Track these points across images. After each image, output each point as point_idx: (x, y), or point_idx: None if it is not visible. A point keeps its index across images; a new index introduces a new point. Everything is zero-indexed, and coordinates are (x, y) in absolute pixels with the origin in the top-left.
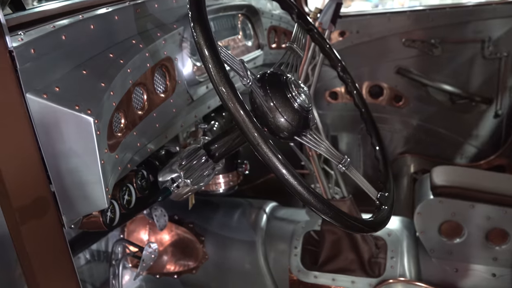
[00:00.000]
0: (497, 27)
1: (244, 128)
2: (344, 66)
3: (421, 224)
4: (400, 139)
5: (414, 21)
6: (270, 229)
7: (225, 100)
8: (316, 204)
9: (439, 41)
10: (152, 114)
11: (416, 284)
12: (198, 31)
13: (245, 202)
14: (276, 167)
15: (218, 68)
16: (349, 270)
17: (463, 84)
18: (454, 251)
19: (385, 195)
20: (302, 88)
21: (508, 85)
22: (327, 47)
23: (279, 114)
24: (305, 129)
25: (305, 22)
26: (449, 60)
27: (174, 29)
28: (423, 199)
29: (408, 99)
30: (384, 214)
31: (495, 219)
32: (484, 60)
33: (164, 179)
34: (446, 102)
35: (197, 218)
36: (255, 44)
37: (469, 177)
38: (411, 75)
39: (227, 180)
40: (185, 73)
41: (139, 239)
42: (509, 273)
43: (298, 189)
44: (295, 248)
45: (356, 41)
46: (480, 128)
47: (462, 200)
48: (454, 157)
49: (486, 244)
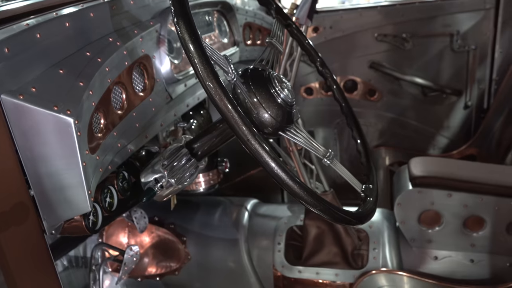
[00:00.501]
0: (465, 21)
1: (234, 124)
2: (323, 61)
3: (401, 215)
4: (375, 132)
5: (385, 16)
6: (252, 226)
7: (213, 95)
8: (306, 198)
9: (410, 36)
10: (132, 114)
11: (398, 273)
12: (182, 26)
13: (226, 200)
14: (266, 162)
15: (205, 63)
16: (333, 263)
17: (434, 77)
18: (433, 239)
19: (370, 187)
20: (285, 83)
21: (476, 77)
22: (306, 42)
23: (263, 110)
24: (289, 124)
25: (284, 18)
26: (420, 54)
27: (150, 26)
28: (403, 190)
29: (382, 93)
30: (369, 206)
31: (471, 206)
32: (453, 53)
33: (147, 180)
34: (418, 95)
35: (178, 219)
36: (230, 41)
37: (446, 167)
38: (384, 69)
39: (207, 179)
40: (163, 71)
41: (118, 242)
42: (486, 258)
43: (288, 183)
44: (278, 244)
45: (329, 36)
46: (451, 120)
47: (440, 189)
48: (427, 148)
49: (463, 231)
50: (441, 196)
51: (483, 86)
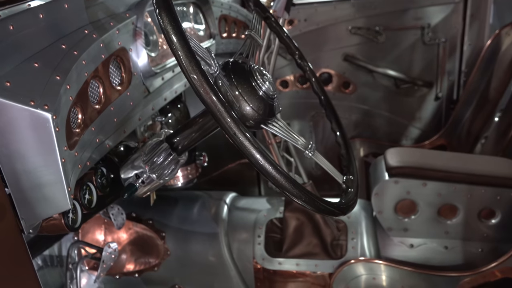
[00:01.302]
0: (435, 14)
1: (219, 117)
2: (301, 54)
3: (378, 205)
4: (350, 124)
5: (358, 9)
6: (232, 219)
7: (198, 88)
8: (291, 189)
9: (383, 28)
10: (110, 108)
11: (376, 262)
12: (165, 17)
13: (205, 194)
14: (252, 154)
15: (189, 55)
16: (313, 254)
17: (406, 69)
18: (409, 228)
19: (351, 179)
20: (266, 76)
21: (446, 69)
22: (284, 35)
23: (245, 103)
24: (271, 117)
25: (262, 10)
26: (393, 47)
27: (127, 18)
28: (379, 180)
29: (356, 85)
30: (351, 197)
31: (445, 195)
32: (424, 45)
33: (127, 176)
34: (391, 87)
35: (156, 214)
36: (206, 34)
37: (421, 157)
38: (357, 62)
39: (185, 173)
40: (140, 65)
41: (95, 240)
42: (460, 244)
43: (274, 175)
44: (258, 237)
45: (304, 29)
46: (422, 111)
47: (415, 179)
48: (400, 139)
49: (438, 219)
50: (416, 186)
51: (453, 78)
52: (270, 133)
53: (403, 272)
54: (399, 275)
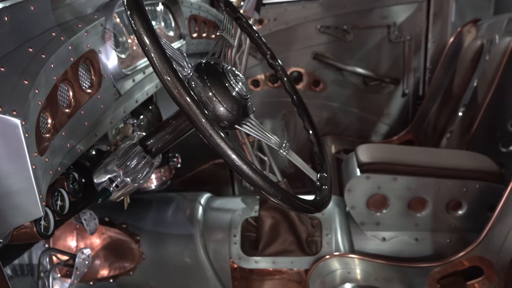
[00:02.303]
0: (400, 13)
1: (194, 118)
2: (273, 54)
3: (351, 200)
4: (321, 122)
5: (326, 8)
6: (207, 220)
7: (171, 90)
8: (267, 188)
9: (351, 27)
10: (80, 112)
11: (350, 256)
12: (137, 19)
13: (179, 196)
14: (227, 154)
15: (162, 57)
16: (289, 251)
17: (374, 66)
18: (381, 222)
19: (324, 176)
20: (239, 76)
21: (412, 66)
22: (255, 35)
23: (219, 104)
24: (245, 117)
25: (233, 11)
26: (361, 45)
27: (95, 20)
28: (351, 176)
29: (326, 83)
30: (326, 194)
31: (414, 189)
32: (390, 43)
33: (100, 180)
34: (360, 84)
35: (130, 218)
36: (176, 34)
37: (391, 153)
38: (327, 60)
39: (159, 175)
40: (110, 67)
41: (67, 246)
42: (429, 236)
43: (251, 175)
44: (234, 237)
45: (273, 28)
46: (390, 107)
47: (386, 174)
48: (370, 135)
49: (408, 212)
50: (387, 181)
51: (419, 74)
52: (243, 132)
53: (377, 265)
54: (372, 268)
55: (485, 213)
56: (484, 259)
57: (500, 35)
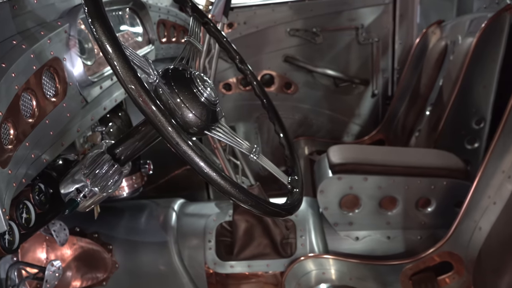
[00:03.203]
0: (367, 15)
1: (160, 127)
2: (242, 58)
3: (324, 201)
4: (293, 124)
5: (296, 12)
6: (181, 226)
7: (136, 98)
8: (237, 195)
9: (320, 30)
10: (45, 121)
11: (324, 257)
12: (98, 27)
13: (152, 203)
14: (195, 162)
15: (125, 66)
16: (264, 254)
17: (344, 68)
18: (354, 221)
19: (295, 179)
20: (207, 82)
21: (380, 67)
22: (224, 39)
23: (187, 110)
24: (214, 123)
25: (200, 15)
26: (330, 47)
27: (59, 27)
28: (324, 177)
29: (298, 86)
30: (297, 197)
31: (385, 188)
32: (359, 45)
33: (68, 191)
34: (331, 86)
35: (101, 227)
36: (145, 39)
37: (361, 153)
38: (297, 63)
39: (130, 182)
40: (76, 74)
41: (36, 258)
42: (401, 234)
43: (219, 182)
44: (209, 242)
45: (244, 32)
46: (361, 108)
47: (357, 174)
48: (342, 136)
49: (379, 211)
50: (358, 181)
51: (387, 75)
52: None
53: (351, 265)
54: (347, 268)
55: (453, 209)
56: (453, 254)
57: (462, 36)
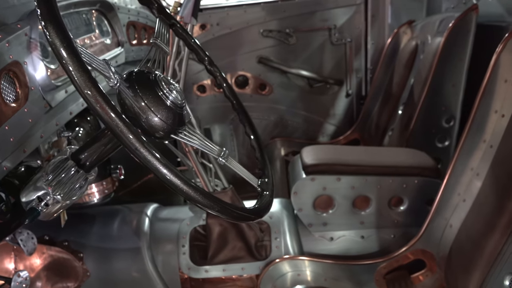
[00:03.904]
0: (340, 16)
1: (118, 133)
2: (211, 60)
3: (298, 202)
4: (269, 125)
5: (268, 13)
6: (154, 232)
7: (93, 104)
8: (202, 201)
9: (293, 30)
10: (4, 128)
11: (299, 258)
12: (52, 30)
13: (124, 208)
14: (157, 168)
15: (80, 70)
16: (238, 257)
17: (318, 68)
18: (328, 222)
19: (265, 181)
20: (173, 84)
21: (354, 67)
22: (192, 41)
23: (152, 114)
24: (181, 126)
25: (167, 17)
26: (304, 48)
27: (18, 29)
28: (297, 179)
29: (272, 87)
30: (267, 200)
31: (358, 187)
32: (332, 46)
33: (29, 199)
34: (305, 87)
35: (72, 234)
36: (114, 42)
37: (334, 154)
38: (271, 64)
39: (101, 188)
40: (38, 78)
41: (3, 269)
42: (374, 233)
43: (183, 188)
44: (182, 247)
45: (217, 33)
46: (336, 108)
47: (330, 175)
48: (317, 136)
49: (353, 210)
50: (331, 181)
51: (361, 75)
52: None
53: (325, 265)
54: (322, 269)
55: (424, 207)
56: (426, 252)
57: (432, 36)
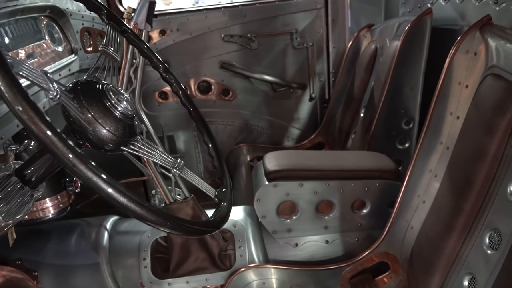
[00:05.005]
0: (301, 20)
1: (54, 150)
2: (166, 67)
3: (261, 209)
4: (234, 130)
5: (229, 17)
6: (114, 246)
7: (24, 120)
8: (151, 218)
9: (255, 35)
10: None
11: (264, 266)
12: None
13: (82, 222)
14: (100, 187)
15: (9, 84)
16: (202, 268)
17: (281, 73)
18: (292, 228)
19: (223, 191)
20: (122, 94)
21: (316, 71)
22: (145, 48)
23: (100, 126)
24: (132, 137)
25: (118, 24)
26: (266, 52)
27: None
28: (260, 186)
29: (236, 92)
30: (224, 210)
31: (321, 192)
32: (294, 50)
33: None
34: (269, 91)
35: (26, 252)
36: (67, 49)
37: (296, 159)
38: (234, 69)
39: (56, 202)
40: None
41: None
42: (339, 237)
43: (129, 206)
44: (144, 260)
45: (177, 39)
46: (300, 112)
47: (292, 180)
48: (283, 141)
49: (317, 215)
50: (294, 187)
51: (323, 79)
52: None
53: (291, 272)
54: (287, 276)
55: (387, 210)
56: (389, 254)
57: (390, 39)
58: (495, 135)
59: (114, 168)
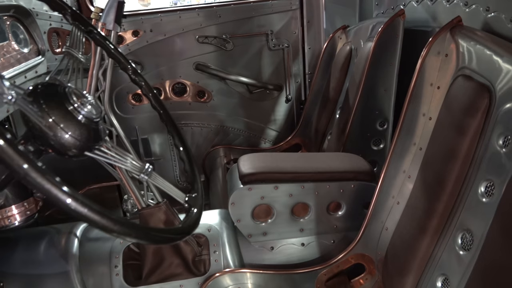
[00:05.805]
0: (276, 21)
1: (3, 157)
2: (134, 69)
3: (236, 213)
4: (210, 133)
5: (204, 18)
6: (84, 253)
7: None
8: (114, 228)
9: (230, 36)
10: None
11: (240, 271)
12: None
13: (51, 229)
14: (58, 198)
15: None
16: (176, 275)
17: (256, 74)
18: (268, 231)
19: (193, 196)
20: (86, 97)
21: (292, 72)
22: (112, 49)
23: (62, 131)
24: (97, 142)
25: (83, 24)
26: (241, 53)
27: None
28: (234, 189)
29: (211, 94)
30: (194, 216)
31: (296, 195)
32: (270, 51)
33: None
34: (245, 93)
35: None
36: (33, 50)
37: (271, 161)
38: (209, 70)
39: (22, 209)
40: None
41: None
42: (315, 239)
43: (89, 217)
44: (115, 267)
45: (151, 40)
46: (276, 113)
47: (267, 183)
48: (259, 142)
49: (292, 218)
50: (269, 190)
51: (299, 80)
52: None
53: (267, 276)
54: (263, 280)
55: (362, 211)
56: (364, 256)
57: (364, 40)
58: (466, 135)
59: (87, 172)
